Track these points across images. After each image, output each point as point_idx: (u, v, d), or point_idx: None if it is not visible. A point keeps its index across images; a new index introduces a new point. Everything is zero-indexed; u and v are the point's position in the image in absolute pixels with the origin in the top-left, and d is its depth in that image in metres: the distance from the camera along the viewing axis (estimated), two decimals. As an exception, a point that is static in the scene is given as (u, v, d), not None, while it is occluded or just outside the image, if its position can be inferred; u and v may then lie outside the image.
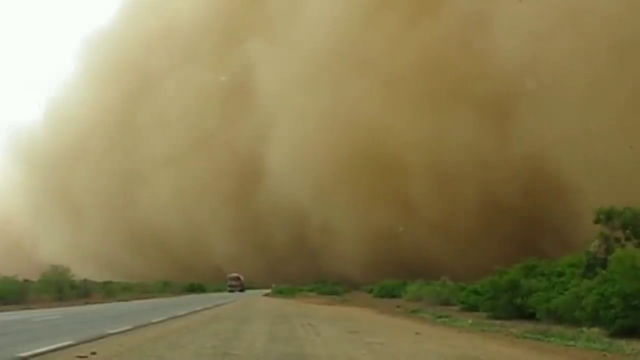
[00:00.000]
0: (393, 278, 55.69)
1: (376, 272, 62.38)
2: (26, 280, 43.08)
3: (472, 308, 26.69)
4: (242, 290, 75.19)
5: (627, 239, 19.19)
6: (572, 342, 15.09)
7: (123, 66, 75.54)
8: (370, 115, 59.16)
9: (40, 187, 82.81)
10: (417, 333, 17.29)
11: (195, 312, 27.87)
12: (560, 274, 21.29)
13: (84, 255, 75.63)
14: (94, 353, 12.16)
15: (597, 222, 19.61)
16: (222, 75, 71.09)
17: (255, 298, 50.50)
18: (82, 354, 12.02)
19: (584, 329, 16.95)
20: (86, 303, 38.90)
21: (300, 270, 69.63)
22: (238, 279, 76.97)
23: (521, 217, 53.62)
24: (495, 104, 53.22)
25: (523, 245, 51.81)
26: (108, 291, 50.47)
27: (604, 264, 18.45)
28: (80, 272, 53.29)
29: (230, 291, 72.88)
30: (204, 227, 72.63)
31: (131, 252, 76.32)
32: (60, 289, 41.91)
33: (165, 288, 63.33)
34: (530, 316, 21.00)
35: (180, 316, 24.64)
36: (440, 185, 56.57)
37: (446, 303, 31.75)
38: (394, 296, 43.61)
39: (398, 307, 32.02)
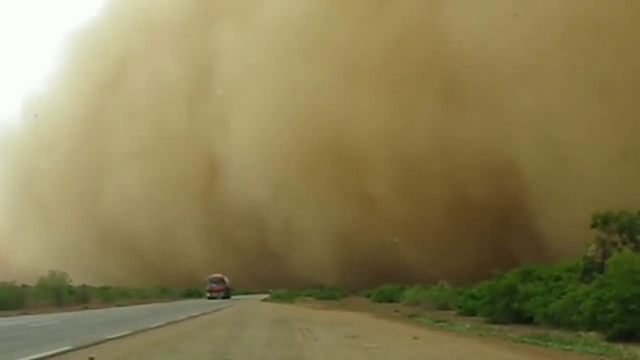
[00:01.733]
0: (360, 280, 55.21)
1: (345, 274, 61.26)
2: (24, 286, 43.02)
3: (469, 312, 26.71)
4: (227, 297, 62.81)
5: (624, 243, 19.24)
6: (569, 347, 15.12)
7: (101, 60, 73.79)
8: (331, 105, 57.07)
9: (11, 185, 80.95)
10: (415, 338, 17.30)
11: (193, 317, 27.86)
12: (557, 278, 21.32)
13: (56, 256, 70.29)
14: (92, 358, 12.16)
15: (594, 226, 19.65)
16: (188, 64, 68.92)
17: (253, 303, 50.44)
18: (80, 360, 12.03)
19: (582, 333, 16.98)
20: (85, 308, 38.86)
21: (264, 273, 67.36)
22: (221, 280, 63.80)
23: (493, 216, 51.78)
24: (464, 92, 51.33)
25: (497, 246, 50.43)
26: (106, 296, 50.39)
27: (601, 269, 18.49)
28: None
29: (211, 298, 60.78)
30: (173, 226, 69.02)
31: (98, 250, 72.35)
32: (59, 294, 41.87)
33: (163, 293, 63.29)
34: (528, 320, 21.03)
35: (179, 321, 24.63)
36: (406, 182, 54.53)
37: (444, 307, 31.76)
38: (391, 301, 43.60)
39: (396, 311, 32.01)
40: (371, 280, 57.92)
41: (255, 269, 67.78)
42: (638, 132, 39.43)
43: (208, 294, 62.50)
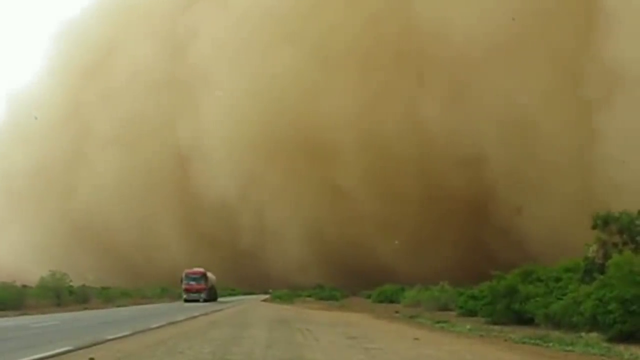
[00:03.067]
0: (337, 278, 54.46)
1: (321, 272, 59.98)
2: (24, 286, 43.01)
3: (470, 313, 26.69)
4: (211, 299, 52.93)
5: (625, 243, 19.23)
6: (570, 347, 15.10)
7: (83, 51, 72.39)
8: (304, 93, 55.55)
9: None
10: (416, 338, 17.28)
11: (193, 317, 27.85)
12: (558, 279, 21.31)
13: (30, 252, 70.11)
14: (92, 359, 12.14)
15: (594, 227, 19.65)
16: (165, 52, 67.20)
17: (253, 304, 50.42)
18: (81, 360, 12.01)
19: (583, 334, 16.97)
20: (85, 309, 38.84)
21: (238, 271, 65.12)
22: (203, 277, 52.27)
23: (470, 209, 50.69)
24: (437, 81, 49.98)
25: (474, 239, 49.86)
26: (106, 297, 50.37)
27: (601, 269, 18.48)
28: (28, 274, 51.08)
29: (189, 300, 50.10)
30: (149, 221, 66.38)
31: (73, 246, 69.45)
32: (59, 294, 41.85)
33: (164, 293, 63.15)
34: (529, 321, 21.02)
35: (179, 322, 24.61)
36: (380, 174, 53.08)
37: (444, 308, 31.75)
38: (392, 301, 43.58)
39: (396, 312, 32.00)
40: (348, 278, 57.16)
41: (229, 266, 64.69)
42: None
43: (185, 295, 51.29)
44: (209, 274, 54.12)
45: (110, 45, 71.34)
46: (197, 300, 49.78)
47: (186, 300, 50.45)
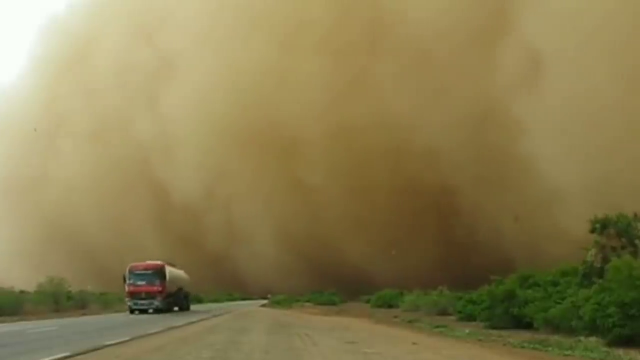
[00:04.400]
0: (308, 282, 52.91)
1: (293, 276, 58.20)
2: (22, 292, 42.91)
3: (469, 318, 26.68)
4: (177, 306, 41.79)
5: (623, 247, 19.25)
6: (569, 352, 15.09)
7: (64, 44, 70.89)
8: (268, 82, 53.74)
9: None
10: (414, 343, 17.27)
11: (192, 322, 27.83)
12: (556, 284, 21.32)
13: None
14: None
15: (592, 231, 19.67)
16: (141, 43, 65.40)
17: (252, 309, 50.33)
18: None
19: (582, 338, 16.96)
20: (83, 314, 38.77)
21: (205, 275, 61.27)
22: (158, 273, 38.71)
23: (445, 205, 49.03)
24: (411, 69, 48.17)
25: (450, 236, 48.48)
26: (105, 302, 50.28)
27: (600, 273, 18.48)
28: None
29: (135, 310, 38.03)
30: (122, 219, 63.97)
31: (44, 246, 66.98)
32: (57, 300, 41.78)
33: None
34: (528, 326, 21.01)
35: (178, 327, 24.59)
36: (350, 170, 51.12)
37: (443, 313, 31.72)
38: (391, 306, 43.50)
39: (395, 317, 31.97)
40: (319, 281, 55.59)
41: (203, 268, 61.02)
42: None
43: (129, 302, 38.53)
44: (172, 270, 41.29)
45: (90, 40, 70.02)
46: (146, 311, 37.63)
47: (132, 311, 37.89)
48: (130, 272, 39.23)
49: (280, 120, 53.70)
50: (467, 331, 21.27)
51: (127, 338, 18.27)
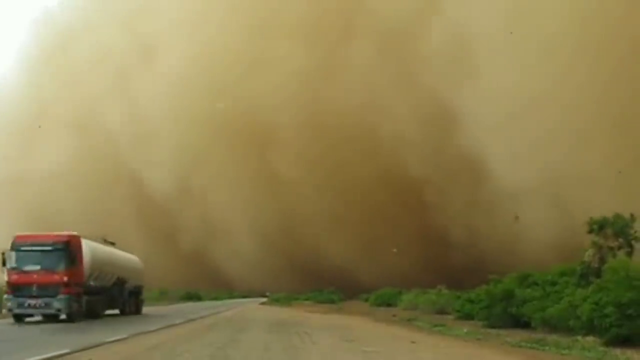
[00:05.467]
0: (287, 283, 51.91)
1: (269, 274, 56.85)
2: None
3: (467, 317, 26.77)
4: (97, 309, 28.00)
5: (620, 247, 19.34)
6: (567, 351, 15.18)
7: (54, 33, 68.18)
8: (242, 68, 52.11)
9: None
10: (413, 342, 17.35)
11: (191, 320, 27.86)
12: (554, 283, 21.40)
13: None
14: (90, 361, 12.11)
15: (590, 231, 19.76)
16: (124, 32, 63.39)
17: (251, 306, 50.33)
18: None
19: (579, 337, 17.04)
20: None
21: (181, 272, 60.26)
22: (65, 249, 24.91)
23: (417, 203, 47.47)
24: (390, 51, 46.39)
25: (433, 233, 46.80)
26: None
27: (598, 273, 18.57)
28: None
29: (18, 316, 24.74)
30: (105, 216, 60.60)
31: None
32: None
33: (162, 296, 62.94)
34: (525, 325, 21.10)
35: (177, 324, 24.64)
36: (326, 162, 49.55)
37: (442, 312, 31.81)
38: (389, 305, 43.59)
39: (394, 315, 32.05)
40: (299, 282, 54.59)
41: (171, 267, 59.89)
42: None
43: (11, 302, 24.66)
44: (98, 248, 28.54)
45: (76, 29, 68.03)
46: (30, 315, 25.13)
47: (17, 317, 24.80)
48: (15, 248, 24.94)
49: (256, 108, 52.07)
50: (465, 330, 21.37)
51: (126, 335, 18.32)
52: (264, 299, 64.34)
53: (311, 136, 50.01)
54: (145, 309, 36.11)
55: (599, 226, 19.42)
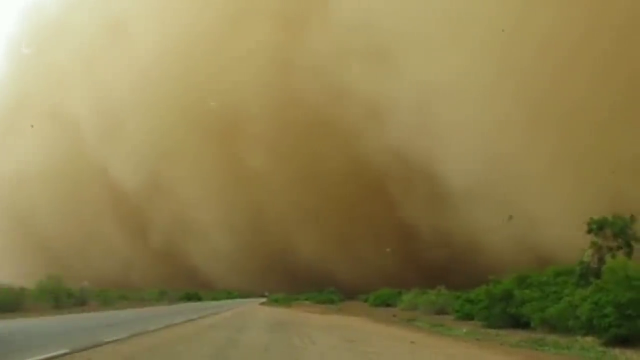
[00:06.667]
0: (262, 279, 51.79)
1: (244, 272, 56.16)
2: (22, 288, 42.93)
3: (467, 317, 26.79)
4: None
5: (619, 248, 19.36)
6: (566, 351, 15.21)
7: (40, 25, 68.16)
8: (209, 55, 51.46)
9: None
10: (413, 342, 17.37)
11: (191, 320, 27.88)
12: (553, 284, 21.42)
13: None
14: (91, 361, 12.12)
15: (589, 232, 19.79)
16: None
17: (251, 307, 50.34)
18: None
19: (578, 337, 17.07)
20: (83, 311, 38.81)
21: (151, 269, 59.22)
22: None
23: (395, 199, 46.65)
24: (360, 37, 45.38)
25: (404, 237, 46.54)
26: (104, 299, 50.31)
27: (597, 274, 18.59)
28: None
29: None
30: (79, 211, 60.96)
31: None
32: (57, 297, 41.78)
33: (162, 297, 62.99)
34: (525, 325, 21.12)
35: (177, 324, 24.65)
36: (298, 154, 49.03)
37: (441, 312, 31.84)
38: (389, 305, 43.65)
39: (394, 316, 32.09)
40: (274, 278, 54.26)
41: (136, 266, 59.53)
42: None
43: None
44: None
45: (63, 21, 67.81)
46: None
47: None
48: None
49: (226, 99, 51.39)
50: (464, 330, 21.40)
51: (126, 335, 18.32)
52: (264, 299, 64.41)
53: (282, 128, 49.38)
54: (145, 309, 35.99)
55: (598, 226, 19.44)
